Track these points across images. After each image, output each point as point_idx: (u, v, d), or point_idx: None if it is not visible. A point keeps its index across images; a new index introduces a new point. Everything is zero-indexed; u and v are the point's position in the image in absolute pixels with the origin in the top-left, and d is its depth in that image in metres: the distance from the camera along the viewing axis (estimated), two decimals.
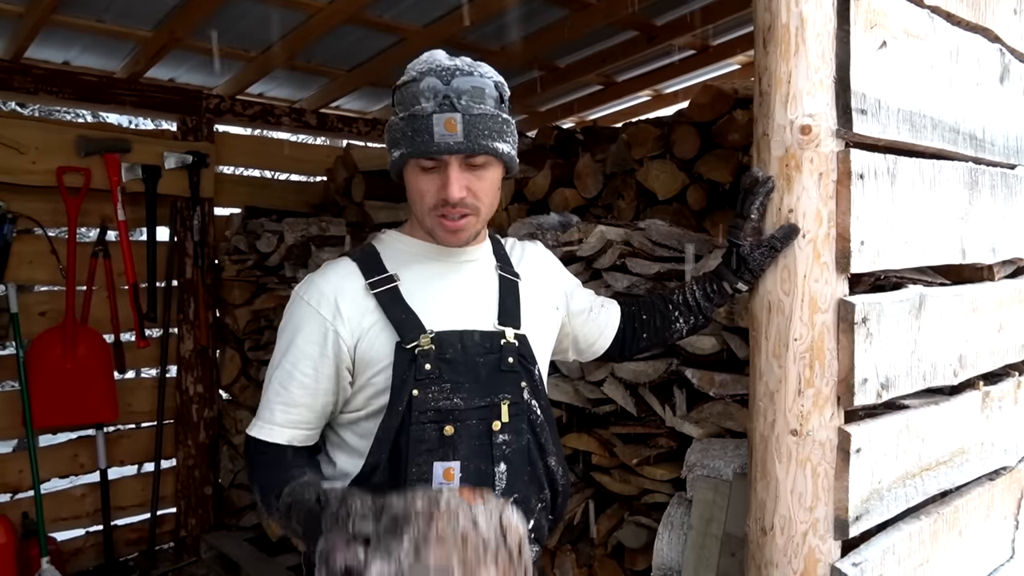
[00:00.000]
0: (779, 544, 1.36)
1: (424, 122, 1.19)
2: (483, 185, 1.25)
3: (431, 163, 1.22)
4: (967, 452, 1.66)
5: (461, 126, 1.18)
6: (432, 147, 1.19)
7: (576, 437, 2.23)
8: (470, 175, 1.23)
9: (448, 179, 1.21)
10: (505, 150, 1.26)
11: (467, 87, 1.20)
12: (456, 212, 1.24)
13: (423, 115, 1.19)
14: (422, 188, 1.25)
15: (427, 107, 1.19)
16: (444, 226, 1.26)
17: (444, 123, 1.18)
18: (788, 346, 1.34)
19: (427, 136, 1.19)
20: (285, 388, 1.27)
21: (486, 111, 1.22)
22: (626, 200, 2.84)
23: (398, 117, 1.25)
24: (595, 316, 1.54)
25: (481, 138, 1.21)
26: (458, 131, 1.18)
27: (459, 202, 1.23)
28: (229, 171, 4.31)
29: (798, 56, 1.31)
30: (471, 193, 1.24)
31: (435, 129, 1.18)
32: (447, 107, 1.19)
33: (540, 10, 3.29)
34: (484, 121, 1.21)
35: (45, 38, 3.27)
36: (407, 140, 1.21)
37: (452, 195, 1.21)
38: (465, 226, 1.26)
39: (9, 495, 3.60)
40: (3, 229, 3.41)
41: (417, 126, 1.20)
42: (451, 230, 1.26)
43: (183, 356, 4.03)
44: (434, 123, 1.18)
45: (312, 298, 1.27)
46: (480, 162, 1.23)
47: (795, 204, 1.33)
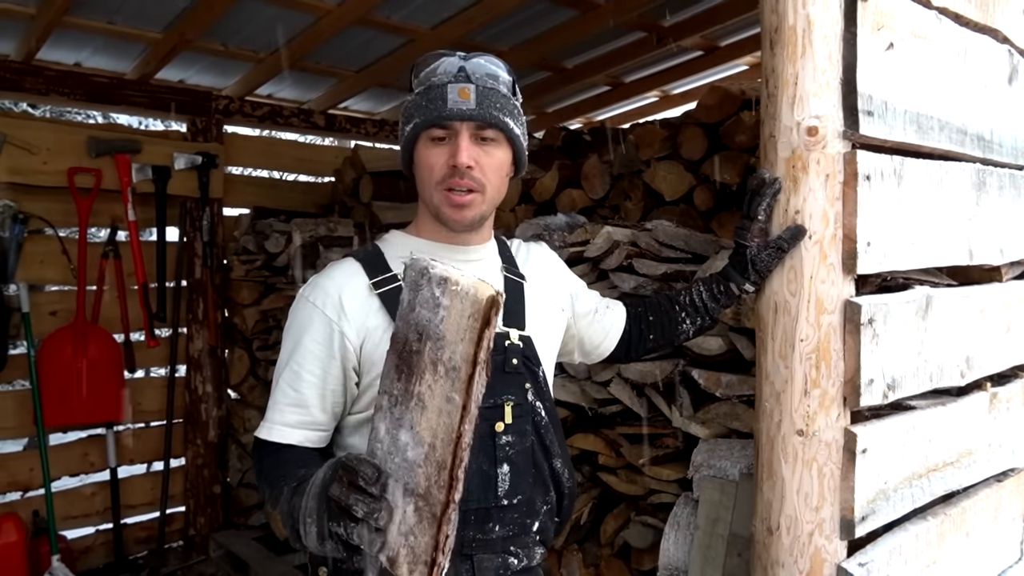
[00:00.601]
0: (785, 544, 1.36)
1: (439, 91, 1.23)
2: (491, 162, 1.27)
3: (442, 132, 1.25)
4: (974, 453, 1.66)
5: (474, 95, 1.22)
6: (445, 112, 1.22)
7: (583, 437, 2.24)
8: (478, 149, 1.26)
9: (458, 146, 1.23)
10: (516, 130, 1.29)
11: (482, 67, 1.25)
12: (464, 184, 1.25)
13: (439, 84, 1.23)
14: (432, 161, 1.26)
15: (443, 78, 1.23)
16: (450, 200, 1.26)
17: (458, 91, 1.22)
18: (794, 347, 1.34)
19: (440, 103, 1.22)
20: (293, 389, 1.27)
21: (499, 90, 1.26)
22: (633, 201, 2.85)
23: (414, 94, 1.28)
24: (600, 318, 1.55)
25: (493, 109, 1.24)
26: (471, 99, 1.22)
27: (466, 172, 1.24)
28: (238, 172, 4.33)
29: (805, 58, 1.31)
30: (478, 167, 1.26)
31: (449, 96, 1.22)
32: (462, 78, 1.23)
33: (548, 11, 3.30)
34: (497, 96, 1.25)
35: (57, 40, 3.30)
36: (420, 110, 1.25)
37: (461, 160, 1.23)
38: (471, 202, 1.27)
39: (20, 493, 3.63)
40: (15, 229, 3.44)
41: (431, 95, 1.23)
42: (457, 204, 1.26)
43: (192, 356, 4.06)
44: (448, 91, 1.22)
45: (317, 298, 1.28)
46: (490, 135, 1.26)
47: (802, 205, 1.33)
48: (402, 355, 0.96)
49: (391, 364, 0.98)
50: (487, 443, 1.27)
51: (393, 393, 0.96)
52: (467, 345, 0.90)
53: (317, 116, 4.46)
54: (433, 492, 0.92)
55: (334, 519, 0.98)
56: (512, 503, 1.29)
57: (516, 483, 1.29)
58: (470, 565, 1.27)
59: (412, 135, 1.27)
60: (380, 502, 0.95)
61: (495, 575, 1.28)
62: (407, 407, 0.94)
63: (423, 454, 0.93)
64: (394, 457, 0.95)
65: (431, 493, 0.92)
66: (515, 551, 1.30)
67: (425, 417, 0.93)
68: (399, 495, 0.94)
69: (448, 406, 0.91)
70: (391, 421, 0.96)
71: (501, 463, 1.28)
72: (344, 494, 0.95)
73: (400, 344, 0.96)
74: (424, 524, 0.92)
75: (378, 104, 4.59)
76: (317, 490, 1.02)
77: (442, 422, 0.92)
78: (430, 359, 0.93)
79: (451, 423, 0.91)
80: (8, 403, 3.60)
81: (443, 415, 0.92)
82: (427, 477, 0.92)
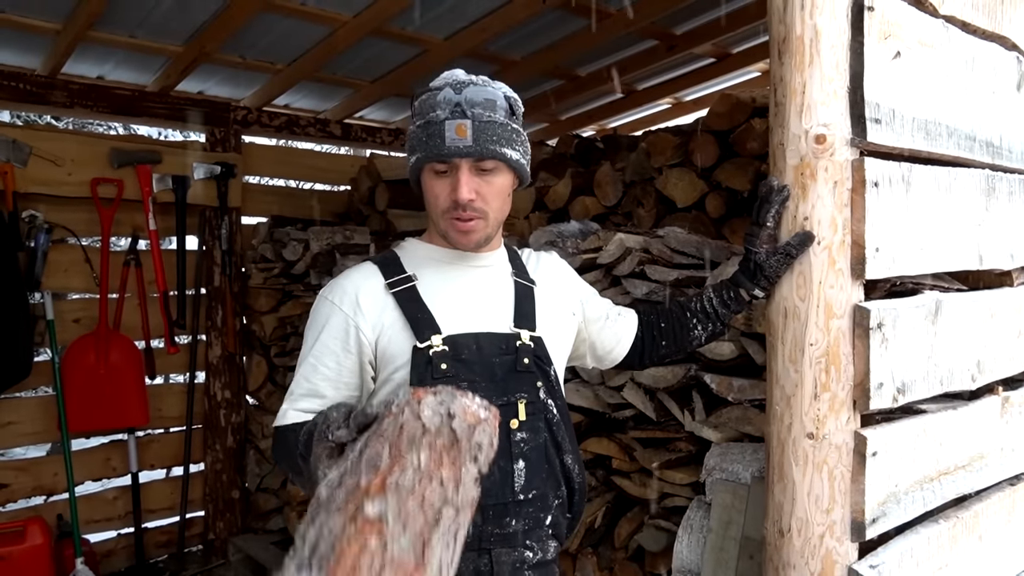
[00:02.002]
0: (796, 546, 1.38)
1: (437, 127, 1.28)
2: (491, 190, 1.33)
3: (443, 166, 1.30)
4: (986, 457, 1.66)
5: (471, 131, 1.27)
6: (444, 150, 1.27)
7: (596, 441, 2.26)
8: (479, 179, 1.31)
9: (458, 181, 1.29)
10: (514, 157, 1.33)
11: (479, 98, 1.29)
12: (466, 215, 1.32)
13: (436, 121, 1.28)
14: (436, 191, 1.33)
15: (440, 114, 1.28)
16: (456, 227, 1.33)
17: (455, 128, 1.26)
18: (804, 351, 1.36)
19: (439, 140, 1.27)
20: (310, 380, 1.34)
21: (495, 119, 1.30)
22: (645, 208, 2.87)
23: (415, 125, 1.33)
24: (612, 324, 1.58)
25: (490, 143, 1.29)
26: (467, 136, 1.27)
27: (468, 204, 1.30)
28: (256, 181, 4.40)
29: (812, 67, 1.34)
30: (480, 197, 1.31)
31: (447, 134, 1.27)
32: (458, 114, 1.27)
33: (561, 20, 3.34)
34: (493, 128, 1.29)
35: (81, 54, 3.38)
36: (421, 145, 1.30)
37: (461, 196, 1.29)
38: (475, 228, 1.34)
39: (44, 497, 3.70)
40: (39, 239, 3.52)
41: (431, 131, 1.29)
42: (463, 231, 1.34)
43: (211, 362, 4.12)
44: (446, 128, 1.27)
45: (335, 296, 1.36)
46: (489, 167, 1.31)
47: (810, 212, 1.36)
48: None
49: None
50: (503, 440, 1.31)
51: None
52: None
53: (333, 126, 4.52)
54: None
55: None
56: (527, 498, 1.33)
57: (531, 478, 1.33)
58: (488, 559, 1.31)
59: (416, 166, 1.34)
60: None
61: (512, 568, 1.31)
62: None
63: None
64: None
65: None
66: (530, 544, 1.34)
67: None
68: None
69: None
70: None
71: (517, 459, 1.32)
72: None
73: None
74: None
75: (393, 113, 4.65)
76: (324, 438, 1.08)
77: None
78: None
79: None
80: (33, 409, 3.67)
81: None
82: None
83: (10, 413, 3.59)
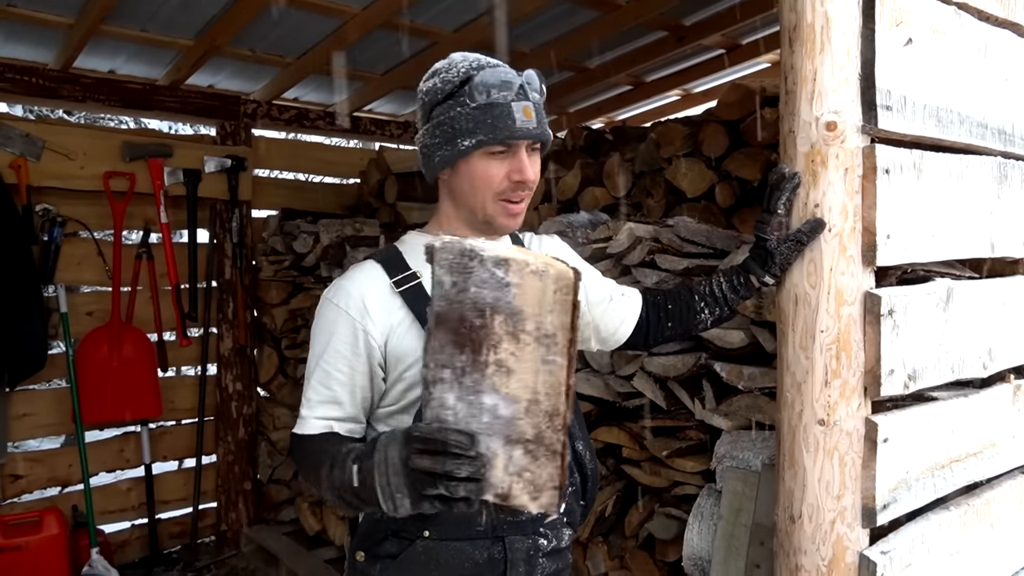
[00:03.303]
0: (807, 532, 1.39)
1: (504, 108, 1.26)
2: (537, 170, 1.36)
3: (502, 148, 1.29)
4: (998, 444, 1.66)
5: (535, 114, 1.29)
6: (516, 132, 1.27)
7: (607, 430, 2.27)
8: (529, 160, 1.33)
9: (522, 163, 1.30)
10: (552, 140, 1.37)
11: (535, 82, 1.32)
12: (522, 196, 1.33)
13: (502, 103, 1.27)
14: (491, 173, 1.30)
15: (507, 95, 1.27)
16: (508, 210, 1.34)
17: (523, 110, 1.27)
18: (815, 338, 1.36)
19: (510, 122, 1.26)
20: (326, 387, 1.32)
21: (541, 101, 1.33)
22: (655, 198, 2.87)
23: (469, 108, 1.27)
24: (615, 305, 1.58)
25: (545, 126, 1.32)
26: (533, 118, 1.28)
27: (530, 184, 1.32)
28: (266, 174, 4.42)
29: (823, 54, 1.34)
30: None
31: (516, 116, 1.26)
32: (522, 96, 1.28)
33: (570, 12, 3.34)
34: (543, 112, 1.32)
35: (92, 48, 3.40)
36: (484, 127, 1.27)
37: (529, 176, 1.31)
38: (522, 211, 1.36)
39: (60, 488, 3.74)
40: (53, 232, 3.55)
41: (496, 113, 1.26)
42: (514, 214, 1.35)
43: (223, 354, 4.15)
44: (515, 110, 1.27)
45: (340, 300, 1.32)
46: (538, 147, 1.34)
47: (821, 199, 1.36)
48: (459, 332, 1.04)
49: (444, 341, 1.05)
50: None
51: (456, 366, 1.05)
52: (559, 316, 1.03)
53: (343, 119, 4.53)
54: (547, 435, 1.05)
55: (428, 486, 1.04)
56: None
57: None
58: (502, 547, 1.32)
59: (471, 149, 1.29)
60: (480, 459, 1.03)
61: (526, 555, 1.32)
62: (483, 375, 1.04)
63: (522, 408, 1.04)
64: (479, 418, 1.04)
65: (544, 436, 1.05)
66: (544, 532, 1.35)
67: (515, 379, 1.04)
68: (498, 446, 1.04)
69: (547, 366, 1.04)
70: (462, 390, 1.05)
71: None
72: (438, 463, 1.02)
73: (453, 323, 1.04)
74: (542, 460, 1.05)
75: (402, 106, 4.65)
76: (396, 467, 1.07)
77: (542, 380, 1.04)
78: (506, 331, 1.03)
79: (556, 379, 1.04)
80: (48, 401, 3.72)
81: (542, 374, 1.04)
82: (535, 425, 1.05)
83: (25, 405, 3.63)
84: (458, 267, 1.03)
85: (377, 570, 1.32)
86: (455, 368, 1.05)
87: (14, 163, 3.40)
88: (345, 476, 1.14)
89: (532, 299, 1.03)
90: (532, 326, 1.03)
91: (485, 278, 1.03)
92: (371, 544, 1.34)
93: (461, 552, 1.30)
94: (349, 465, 1.14)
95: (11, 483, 3.58)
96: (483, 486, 1.04)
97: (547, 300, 1.03)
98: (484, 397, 1.04)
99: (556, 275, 1.03)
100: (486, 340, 1.03)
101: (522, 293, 1.03)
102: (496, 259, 1.03)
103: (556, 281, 1.03)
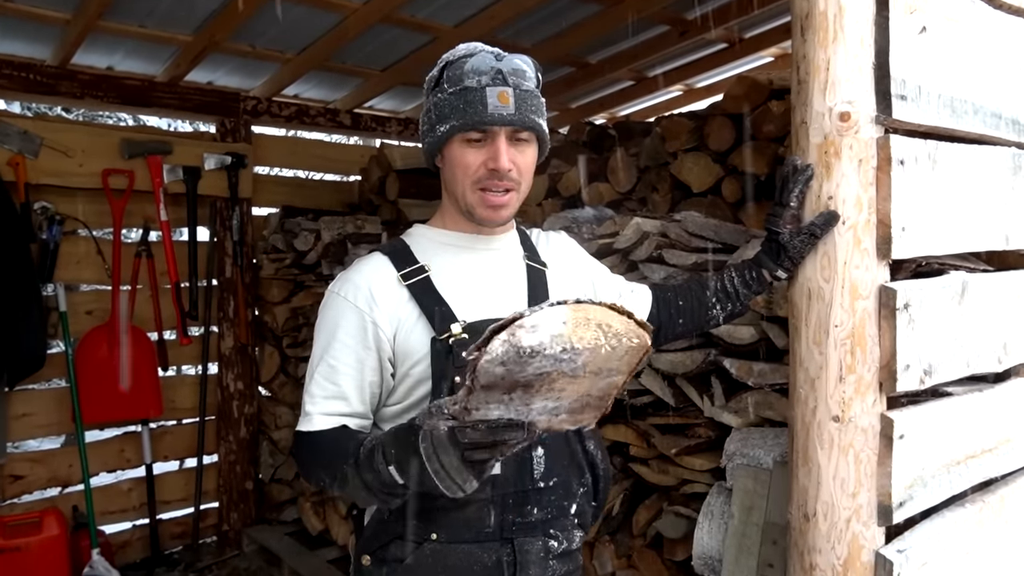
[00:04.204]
0: (822, 530, 1.36)
1: (477, 94, 1.23)
2: (525, 160, 1.30)
3: (479, 135, 1.26)
4: (1013, 440, 1.64)
5: (513, 99, 1.23)
6: (486, 117, 1.23)
7: (614, 428, 2.24)
8: (514, 150, 1.28)
9: (498, 150, 1.25)
10: (545, 129, 1.31)
11: (515, 66, 1.26)
12: (502, 185, 1.28)
13: (477, 87, 1.23)
14: (467, 161, 1.27)
15: (482, 79, 1.23)
16: (487, 201, 1.29)
17: (498, 95, 1.23)
18: (829, 333, 1.34)
19: (480, 107, 1.23)
20: (331, 383, 1.27)
21: (531, 89, 1.28)
22: (660, 193, 2.85)
23: (447, 93, 1.27)
24: (624, 302, 1.55)
25: (529, 112, 1.26)
26: (510, 104, 1.23)
27: (506, 174, 1.27)
28: (266, 171, 4.39)
29: (836, 43, 1.31)
30: (516, 167, 1.28)
31: (489, 101, 1.22)
32: (500, 81, 1.24)
33: (571, 7, 3.31)
34: (530, 98, 1.27)
35: (90, 44, 3.37)
36: (458, 112, 1.25)
37: (502, 164, 1.25)
38: (508, 202, 1.30)
39: (60, 489, 3.72)
40: (51, 231, 3.52)
41: (470, 98, 1.23)
42: (494, 205, 1.29)
43: (224, 353, 4.12)
44: (488, 95, 1.22)
45: (348, 293, 1.29)
46: (524, 137, 1.28)
47: (834, 191, 1.33)
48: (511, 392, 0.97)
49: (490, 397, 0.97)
50: None
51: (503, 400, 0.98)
52: (625, 363, 1.03)
53: (343, 115, 4.51)
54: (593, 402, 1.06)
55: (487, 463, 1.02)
56: (548, 485, 1.31)
57: (551, 466, 1.31)
58: (511, 549, 1.29)
59: (447, 135, 1.27)
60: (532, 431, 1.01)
61: (537, 558, 1.29)
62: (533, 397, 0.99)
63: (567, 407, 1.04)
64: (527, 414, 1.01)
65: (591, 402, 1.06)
66: (555, 534, 1.32)
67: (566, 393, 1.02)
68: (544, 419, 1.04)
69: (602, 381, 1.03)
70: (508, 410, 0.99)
71: (535, 446, 1.29)
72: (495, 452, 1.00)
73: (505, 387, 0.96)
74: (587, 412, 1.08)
75: (403, 103, 4.62)
76: (458, 468, 1.01)
77: (596, 387, 1.04)
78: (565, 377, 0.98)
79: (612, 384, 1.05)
80: (47, 401, 3.69)
81: (596, 387, 1.04)
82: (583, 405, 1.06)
83: (24, 405, 3.60)
84: (514, 361, 0.93)
85: (384, 574, 1.29)
86: (501, 402, 0.99)
87: (12, 160, 3.37)
88: (383, 476, 1.09)
89: (600, 361, 0.98)
90: (594, 369, 1.00)
91: (547, 365, 0.94)
92: (377, 547, 1.31)
93: (470, 555, 1.27)
94: (382, 465, 1.09)
95: (11, 483, 3.56)
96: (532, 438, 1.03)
97: (616, 358, 1.00)
98: (534, 404, 1.00)
99: (627, 348, 0.99)
100: (541, 385, 0.98)
101: (591, 362, 0.98)
102: (563, 350, 0.93)
103: (627, 352, 1.00)
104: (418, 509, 1.25)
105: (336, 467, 1.18)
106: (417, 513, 1.26)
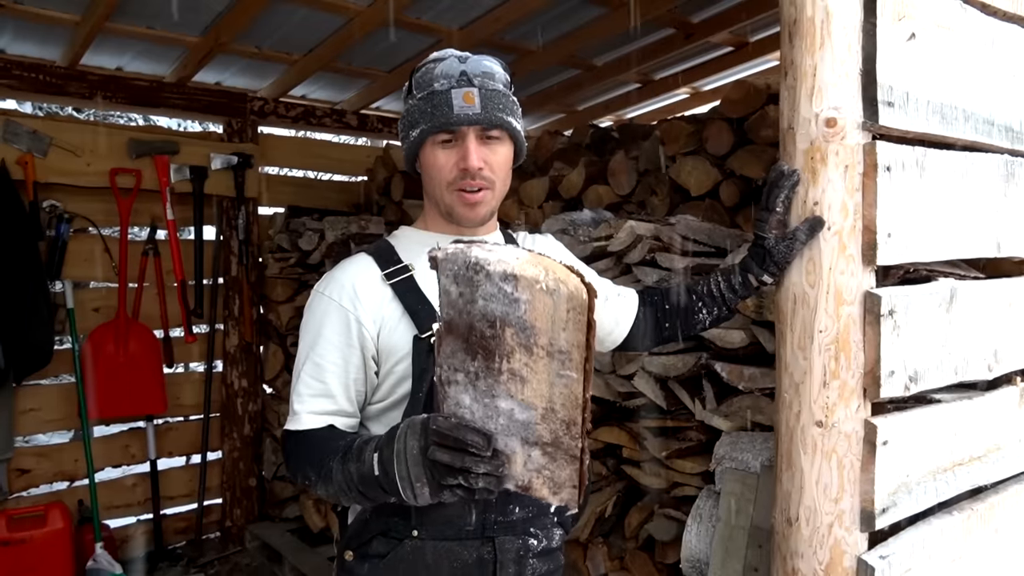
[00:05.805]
0: (804, 535, 1.36)
1: (443, 96, 1.26)
2: (498, 159, 1.32)
3: (448, 136, 1.28)
4: (1003, 448, 1.63)
5: (478, 99, 1.26)
6: (452, 118, 1.25)
7: (607, 430, 2.25)
8: (485, 148, 1.30)
9: (467, 149, 1.27)
10: (517, 127, 1.33)
11: (482, 67, 1.28)
12: (475, 184, 1.30)
13: (442, 91, 1.26)
14: (440, 163, 1.30)
15: (446, 83, 1.26)
16: (463, 199, 1.31)
17: (463, 96, 1.25)
18: (813, 338, 1.34)
19: (446, 109, 1.25)
20: (318, 380, 1.29)
21: (499, 88, 1.29)
22: (659, 197, 2.85)
23: (416, 99, 1.30)
24: (610, 305, 1.56)
25: (497, 111, 1.28)
26: (475, 103, 1.25)
27: (477, 173, 1.28)
28: (273, 171, 4.43)
29: (823, 49, 1.31)
30: (487, 166, 1.30)
31: (454, 102, 1.25)
32: (464, 82, 1.26)
33: (577, 9, 3.31)
34: (498, 97, 1.29)
35: (99, 45, 3.41)
36: (426, 116, 1.28)
37: (471, 163, 1.27)
38: (483, 199, 1.32)
39: (66, 483, 3.76)
40: (60, 229, 3.57)
41: (436, 101, 1.26)
42: (470, 203, 1.31)
43: (228, 351, 4.16)
44: (453, 97, 1.25)
45: (332, 292, 1.31)
46: (495, 135, 1.30)
47: (820, 197, 1.33)
48: (470, 340, 1.03)
49: (455, 347, 1.04)
50: None
51: (469, 370, 1.03)
52: (573, 333, 1.00)
53: (349, 116, 4.54)
54: (564, 441, 1.03)
55: (447, 476, 1.02)
56: None
57: None
58: (492, 547, 1.30)
59: (419, 140, 1.31)
60: (498, 458, 1.02)
61: (516, 556, 1.30)
62: (497, 381, 1.02)
63: (537, 415, 1.03)
64: (496, 419, 1.04)
65: (562, 442, 1.04)
66: (535, 532, 1.33)
67: (529, 388, 1.03)
68: (516, 445, 1.04)
69: (562, 380, 1.02)
70: (477, 392, 1.04)
71: None
72: (456, 458, 1.01)
73: (463, 331, 1.03)
74: (561, 462, 1.04)
75: None
76: (415, 458, 1.05)
77: (557, 392, 1.02)
78: (518, 343, 1.01)
79: (572, 392, 1.02)
80: (54, 396, 3.73)
81: (557, 387, 1.02)
82: (552, 431, 1.03)
83: (32, 400, 3.65)
84: (464, 279, 1.01)
85: (366, 570, 1.31)
86: (468, 372, 1.03)
87: (21, 159, 3.41)
88: (364, 467, 1.12)
89: (543, 316, 1.00)
90: (545, 340, 1.01)
91: (493, 292, 1.00)
92: (360, 544, 1.33)
93: (450, 552, 1.28)
94: (369, 455, 1.12)
95: (18, 477, 3.61)
96: (503, 479, 1.04)
97: (559, 318, 1.00)
98: (499, 401, 1.03)
99: (568, 295, 0.99)
100: (498, 349, 1.01)
101: (532, 309, 1.00)
102: (503, 274, 0.99)
103: (568, 300, 0.99)
104: (400, 506, 1.26)
105: (323, 464, 1.20)
106: (399, 510, 1.28)
